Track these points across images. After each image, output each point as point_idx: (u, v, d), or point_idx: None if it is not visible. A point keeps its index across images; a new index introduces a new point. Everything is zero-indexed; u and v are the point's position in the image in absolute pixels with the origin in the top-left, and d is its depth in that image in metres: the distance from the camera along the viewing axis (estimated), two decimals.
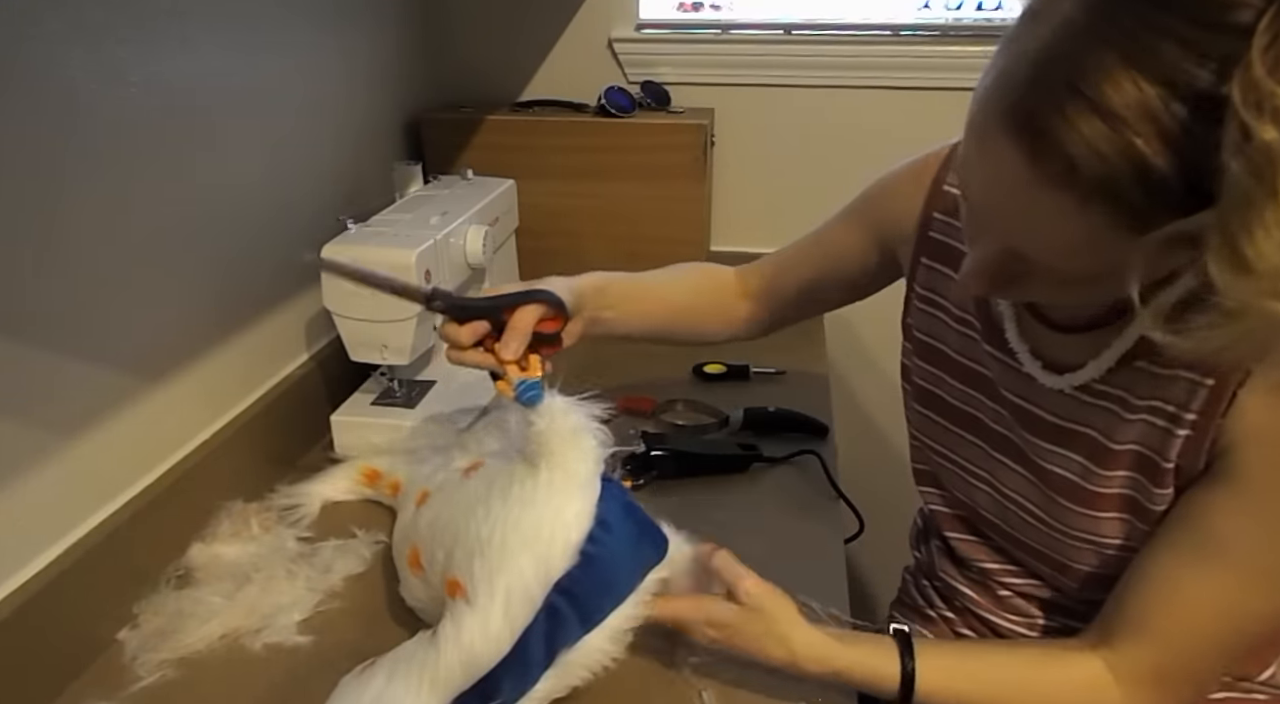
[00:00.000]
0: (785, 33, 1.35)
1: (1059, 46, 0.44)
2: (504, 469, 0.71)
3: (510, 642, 0.61)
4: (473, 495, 0.70)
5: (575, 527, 0.64)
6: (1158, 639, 0.63)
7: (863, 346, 1.50)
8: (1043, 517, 0.70)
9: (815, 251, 0.90)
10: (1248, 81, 0.39)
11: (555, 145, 1.29)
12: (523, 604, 0.61)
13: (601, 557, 0.64)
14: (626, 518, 0.67)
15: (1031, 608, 0.77)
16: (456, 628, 0.62)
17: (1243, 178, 0.39)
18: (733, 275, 0.96)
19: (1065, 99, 0.44)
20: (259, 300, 1.00)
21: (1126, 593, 0.65)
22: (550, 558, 0.62)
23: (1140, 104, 0.42)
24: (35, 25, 0.67)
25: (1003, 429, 0.73)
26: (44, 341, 0.71)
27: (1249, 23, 0.39)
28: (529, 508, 0.64)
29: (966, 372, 0.75)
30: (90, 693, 0.71)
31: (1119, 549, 0.66)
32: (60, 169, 0.71)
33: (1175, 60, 0.41)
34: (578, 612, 0.63)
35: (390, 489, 0.91)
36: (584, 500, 0.65)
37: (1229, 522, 0.59)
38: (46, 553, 0.72)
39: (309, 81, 1.06)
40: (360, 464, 0.96)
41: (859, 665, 0.67)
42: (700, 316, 0.94)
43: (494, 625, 0.61)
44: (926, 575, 0.89)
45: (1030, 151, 0.46)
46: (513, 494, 0.66)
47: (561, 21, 1.38)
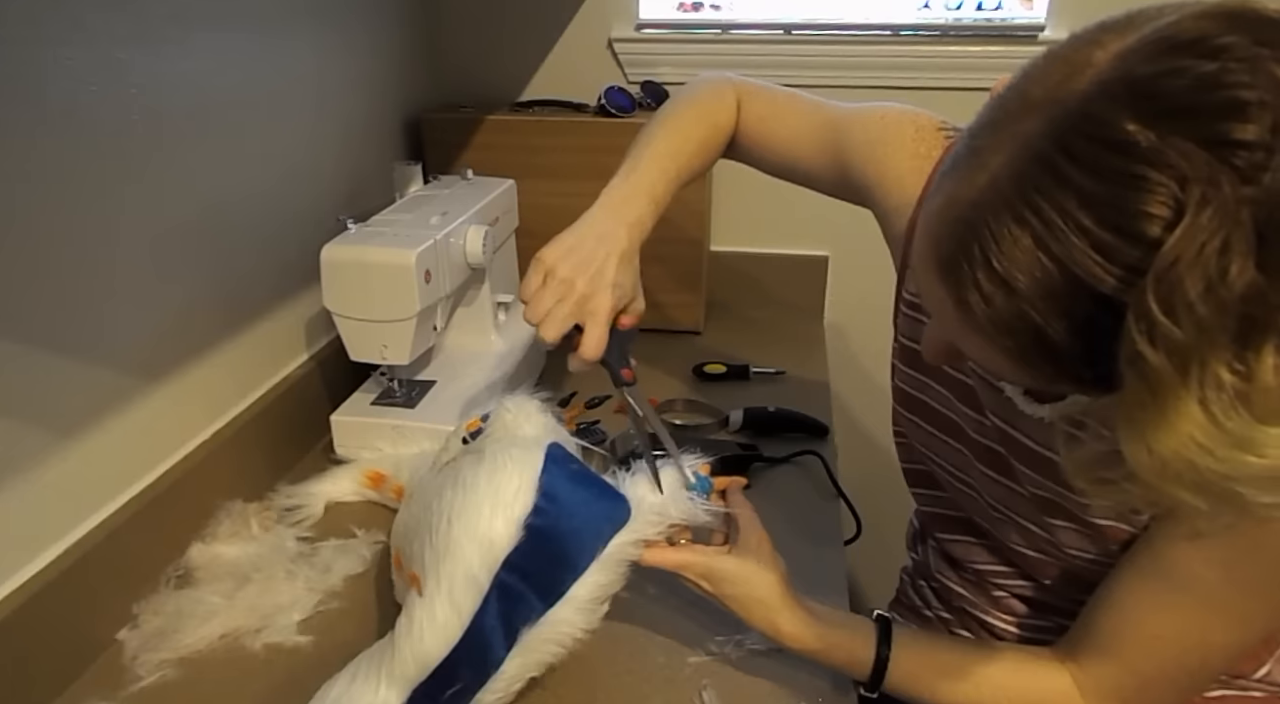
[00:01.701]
0: (785, 33, 1.35)
1: (982, 210, 0.44)
2: (462, 460, 0.71)
3: (460, 627, 0.60)
4: (434, 489, 0.70)
5: (516, 502, 0.63)
6: (1123, 663, 0.64)
7: (859, 349, 1.50)
8: (1030, 528, 0.70)
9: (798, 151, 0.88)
10: (1140, 307, 0.38)
11: (555, 145, 1.29)
12: (468, 588, 0.61)
13: (550, 529, 0.62)
14: (577, 486, 0.65)
15: (1027, 608, 0.77)
16: (409, 620, 0.62)
17: (1137, 388, 0.39)
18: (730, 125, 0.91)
19: (979, 267, 0.44)
20: (259, 300, 1.00)
21: (1095, 615, 0.66)
22: (492, 538, 0.62)
23: (1048, 289, 0.42)
24: (35, 27, 0.67)
25: (987, 440, 0.72)
26: (44, 341, 0.71)
27: (1156, 237, 0.38)
28: (471, 492, 0.64)
29: (951, 380, 0.75)
30: (90, 693, 0.71)
31: (1103, 564, 0.66)
32: (60, 170, 0.71)
33: (1084, 257, 0.40)
34: (533, 587, 0.62)
35: (395, 493, 0.91)
36: (522, 475, 0.64)
37: (1191, 558, 0.59)
38: (46, 553, 0.72)
39: (309, 81, 1.06)
40: (364, 466, 0.96)
41: (836, 648, 0.69)
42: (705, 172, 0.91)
43: (441, 614, 0.61)
44: (923, 576, 0.89)
45: (954, 300, 0.46)
46: (461, 481, 0.65)
47: (561, 21, 1.38)
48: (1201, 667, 0.63)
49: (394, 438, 0.98)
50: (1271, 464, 0.38)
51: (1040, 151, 0.42)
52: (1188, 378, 0.38)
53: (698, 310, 1.37)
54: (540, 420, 0.72)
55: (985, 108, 0.47)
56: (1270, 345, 0.37)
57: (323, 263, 0.93)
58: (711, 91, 0.89)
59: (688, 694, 0.71)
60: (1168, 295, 0.37)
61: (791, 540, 0.89)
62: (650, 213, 0.78)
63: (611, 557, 0.65)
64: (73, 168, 0.72)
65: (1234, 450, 0.38)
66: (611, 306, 0.72)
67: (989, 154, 0.44)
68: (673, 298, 1.36)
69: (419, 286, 0.92)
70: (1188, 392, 0.38)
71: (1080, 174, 0.40)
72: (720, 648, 0.75)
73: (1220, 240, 0.37)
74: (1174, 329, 0.37)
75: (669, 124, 0.85)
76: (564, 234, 0.74)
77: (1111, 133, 0.39)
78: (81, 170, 0.73)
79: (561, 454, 0.67)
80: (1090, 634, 0.66)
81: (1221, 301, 0.37)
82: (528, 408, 0.73)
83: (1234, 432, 0.38)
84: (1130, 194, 0.38)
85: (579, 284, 0.70)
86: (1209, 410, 0.38)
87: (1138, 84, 0.40)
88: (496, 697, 0.63)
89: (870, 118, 0.82)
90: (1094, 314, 0.41)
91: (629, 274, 0.74)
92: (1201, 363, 0.37)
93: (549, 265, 0.72)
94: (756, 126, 0.89)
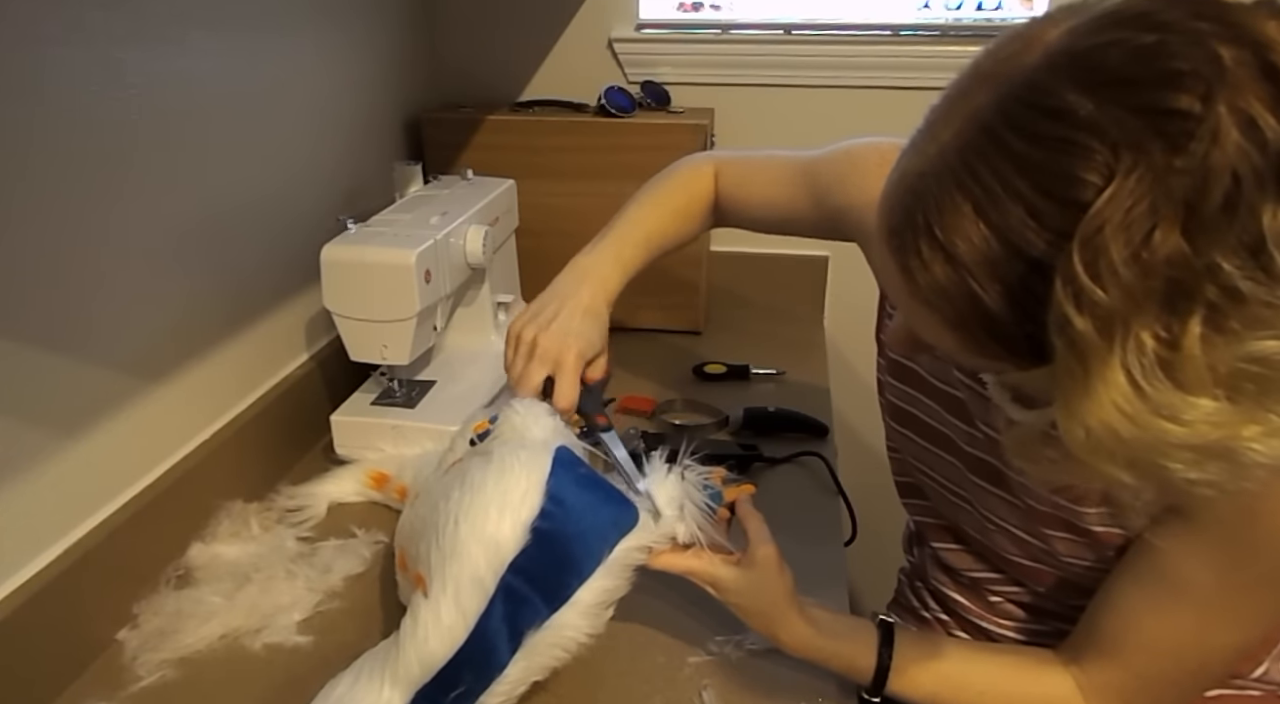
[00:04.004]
0: (785, 33, 1.35)
1: (929, 180, 0.45)
2: (468, 461, 0.71)
3: (464, 630, 0.60)
4: (440, 490, 0.69)
5: (523, 505, 0.62)
6: (1124, 665, 0.64)
7: (859, 349, 1.50)
8: (1025, 538, 0.70)
9: (777, 201, 0.90)
10: (1068, 271, 0.39)
11: (555, 145, 1.29)
12: (472, 591, 0.61)
13: (556, 532, 0.62)
14: (584, 490, 0.65)
15: (1023, 613, 0.77)
16: (413, 622, 0.62)
17: (1065, 355, 0.40)
18: (709, 191, 0.94)
19: (922, 237, 0.45)
20: (259, 300, 1.00)
21: (1096, 618, 0.66)
22: (499, 540, 0.61)
23: (985, 256, 0.43)
24: (35, 28, 0.67)
25: (979, 452, 0.72)
26: (44, 341, 0.71)
27: (1088, 201, 0.38)
28: (478, 493, 0.63)
29: (940, 393, 0.75)
30: (90, 693, 0.71)
31: (1099, 571, 0.67)
32: (60, 171, 0.71)
33: (1019, 223, 0.41)
34: (539, 591, 0.62)
35: (398, 493, 0.91)
36: (529, 478, 0.64)
37: (1186, 561, 0.59)
38: (46, 553, 0.72)
39: (309, 82, 1.06)
40: (368, 467, 0.96)
41: (836, 658, 0.70)
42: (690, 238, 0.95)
43: (446, 616, 0.60)
44: (920, 579, 0.89)
45: (898, 267, 0.48)
46: (468, 482, 0.65)
47: (561, 21, 1.38)
48: (1202, 668, 0.63)
49: (394, 438, 0.98)
50: (1192, 434, 0.39)
51: (986, 121, 0.43)
52: (1112, 343, 0.38)
53: (698, 310, 1.37)
54: (549, 423, 0.72)
55: (946, 87, 0.48)
56: (1197, 315, 0.38)
57: (323, 263, 0.93)
58: (688, 166, 0.94)
59: (688, 694, 0.71)
60: (1093, 259, 0.38)
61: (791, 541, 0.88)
62: (616, 274, 0.83)
63: (617, 561, 0.65)
64: (72, 168, 0.72)
65: (1156, 418, 0.39)
66: (576, 356, 0.75)
67: (940, 127, 0.46)
68: (673, 298, 1.36)
69: (419, 286, 0.92)
70: (1112, 357, 0.38)
71: (1020, 141, 0.41)
72: (720, 648, 0.75)
73: (1146, 206, 0.37)
74: (1099, 293, 0.38)
75: (643, 197, 0.91)
76: (531, 303, 0.80)
77: (1052, 101, 0.40)
78: (81, 170, 0.73)
79: (569, 458, 0.67)
80: (1091, 637, 0.66)
81: (1146, 267, 0.37)
82: (536, 410, 0.73)
83: (1156, 399, 0.38)
84: (1065, 159, 0.39)
85: (542, 341, 0.76)
86: (1132, 377, 0.38)
87: (1080, 55, 0.41)
88: (499, 700, 0.63)
89: (837, 155, 0.85)
90: (1027, 280, 0.42)
91: (593, 328, 0.79)
92: (1126, 328, 0.38)
93: (516, 331, 0.78)
94: (735, 190, 0.92)
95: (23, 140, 0.67)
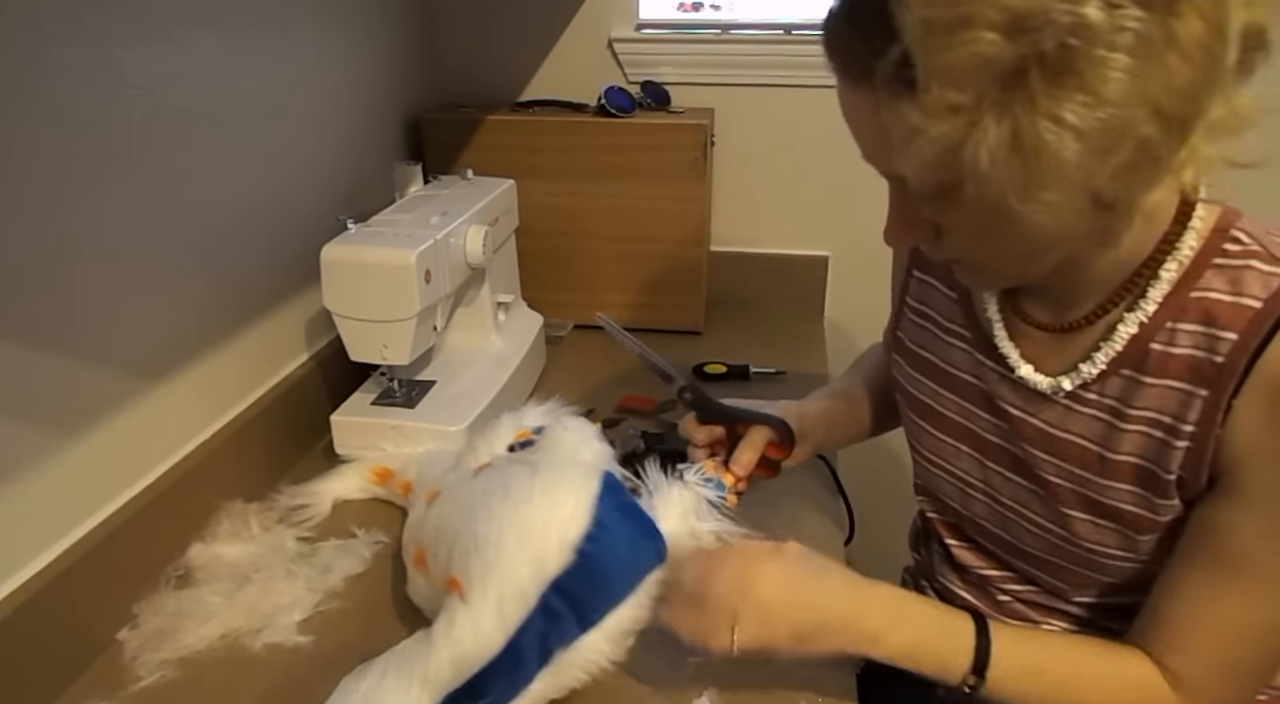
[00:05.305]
0: (785, 33, 1.35)
1: None
2: (508, 469, 0.71)
3: (502, 640, 0.61)
4: (476, 494, 0.70)
5: (571, 525, 0.64)
6: (1198, 654, 0.62)
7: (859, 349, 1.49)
8: (1045, 524, 0.70)
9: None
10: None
11: (555, 145, 1.29)
12: (516, 602, 0.61)
13: (599, 557, 0.64)
14: (625, 519, 0.67)
15: (1031, 613, 0.77)
16: (449, 625, 0.62)
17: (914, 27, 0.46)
18: None
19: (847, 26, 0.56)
20: (259, 300, 1.00)
21: (1162, 610, 0.63)
22: (545, 556, 0.62)
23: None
24: (35, 28, 0.67)
25: (999, 440, 0.72)
26: (44, 341, 0.71)
27: None
28: (525, 506, 0.64)
29: (960, 384, 0.75)
30: (90, 693, 0.71)
31: (1120, 559, 0.66)
32: (60, 171, 0.71)
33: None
34: (575, 611, 0.63)
35: (402, 489, 0.91)
36: (580, 500, 0.65)
37: (1245, 537, 0.58)
38: (46, 553, 0.72)
39: (309, 81, 1.06)
40: (370, 463, 0.96)
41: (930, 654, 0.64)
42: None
43: (486, 623, 0.61)
44: (925, 577, 0.89)
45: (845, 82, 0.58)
46: (512, 493, 0.66)
47: (561, 21, 1.38)
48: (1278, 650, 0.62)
49: (394, 438, 0.98)
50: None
51: None
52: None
53: (698, 310, 1.37)
54: (598, 447, 0.73)
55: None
56: None
57: (323, 263, 0.93)
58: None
59: (688, 694, 0.71)
60: None
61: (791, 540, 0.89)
62: None
63: (646, 591, 0.66)
64: (72, 168, 0.72)
65: None
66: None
67: None
68: (673, 298, 1.36)
69: (419, 286, 0.92)
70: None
71: None
72: None
73: None
74: None
75: None
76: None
77: None
78: (81, 170, 0.73)
79: (615, 483, 0.68)
80: (1160, 629, 0.64)
81: None
82: (586, 432, 0.74)
83: None
84: None
85: None
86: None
87: None
88: None
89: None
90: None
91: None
92: None
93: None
94: None
95: (23, 140, 0.67)
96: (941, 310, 0.78)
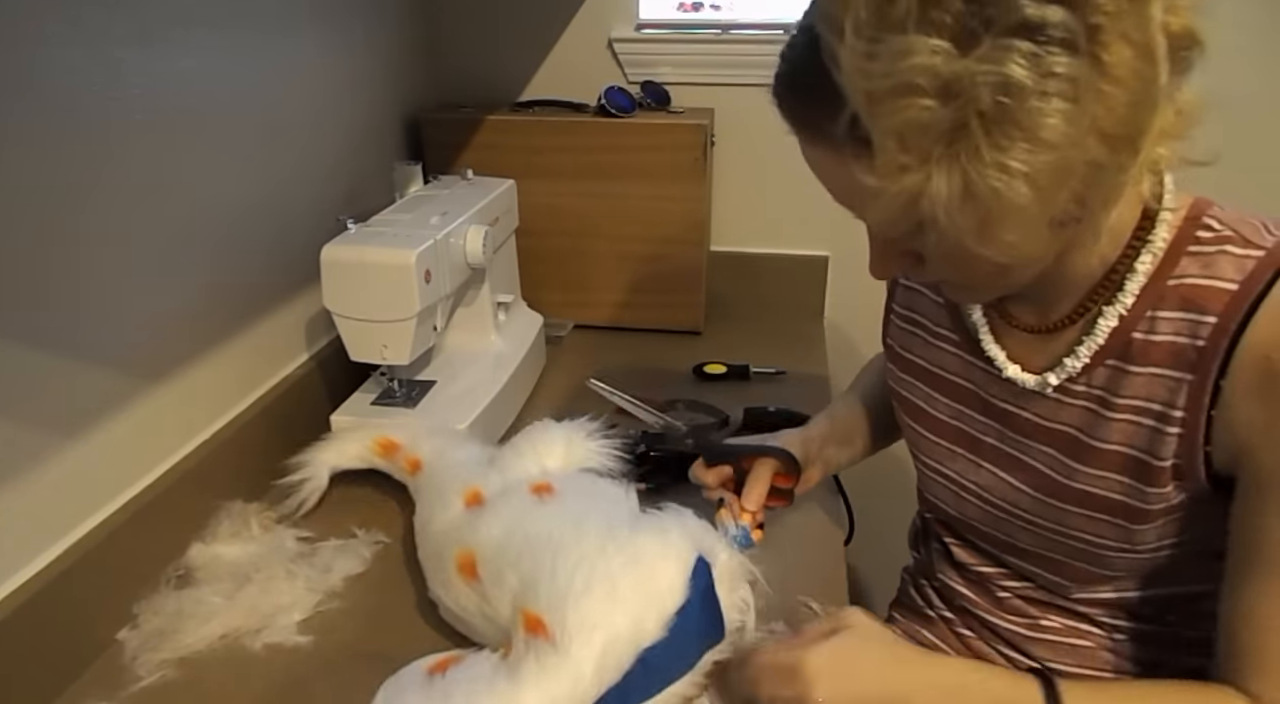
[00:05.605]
0: (785, 33, 1.34)
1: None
2: (597, 510, 0.71)
3: (594, 697, 0.60)
4: (555, 526, 0.69)
5: (670, 597, 0.63)
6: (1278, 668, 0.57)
7: (859, 349, 1.50)
8: (1036, 520, 0.70)
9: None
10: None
11: (555, 145, 1.29)
12: (615, 664, 0.61)
13: (681, 632, 0.63)
14: (706, 600, 0.66)
15: (1031, 609, 0.77)
16: (540, 670, 0.60)
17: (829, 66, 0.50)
18: None
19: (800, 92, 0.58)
20: (259, 300, 1.00)
21: (1236, 637, 0.59)
22: (645, 623, 0.62)
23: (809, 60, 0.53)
24: (36, 28, 0.67)
25: (993, 440, 0.73)
26: (44, 342, 0.71)
27: None
28: (632, 567, 0.64)
29: (951, 386, 0.76)
30: (90, 693, 0.71)
31: (1114, 551, 0.66)
32: (60, 170, 0.71)
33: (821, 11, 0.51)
34: (646, 680, 0.63)
35: (409, 465, 0.89)
36: (680, 571, 0.65)
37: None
38: (46, 553, 0.72)
39: (309, 81, 1.06)
40: (375, 433, 0.94)
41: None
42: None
43: (585, 679, 0.60)
44: (925, 576, 0.89)
45: (806, 136, 0.60)
46: (611, 547, 0.65)
47: (561, 21, 1.38)
48: None
49: None
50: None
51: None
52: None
53: (698, 310, 1.37)
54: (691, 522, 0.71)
55: None
56: None
57: (323, 263, 0.93)
58: None
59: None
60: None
61: (792, 540, 0.89)
62: None
63: (699, 670, 0.66)
64: (72, 168, 0.72)
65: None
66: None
67: None
68: (673, 298, 1.36)
69: (419, 286, 0.92)
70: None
71: None
72: None
73: None
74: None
75: None
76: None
77: None
78: (81, 170, 0.73)
79: (703, 562, 0.67)
80: (1241, 657, 0.59)
81: None
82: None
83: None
84: None
85: None
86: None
87: None
88: None
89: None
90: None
91: None
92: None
93: None
94: None
95: (23, 140, 0.67)
96: (929, 315, 0.79)
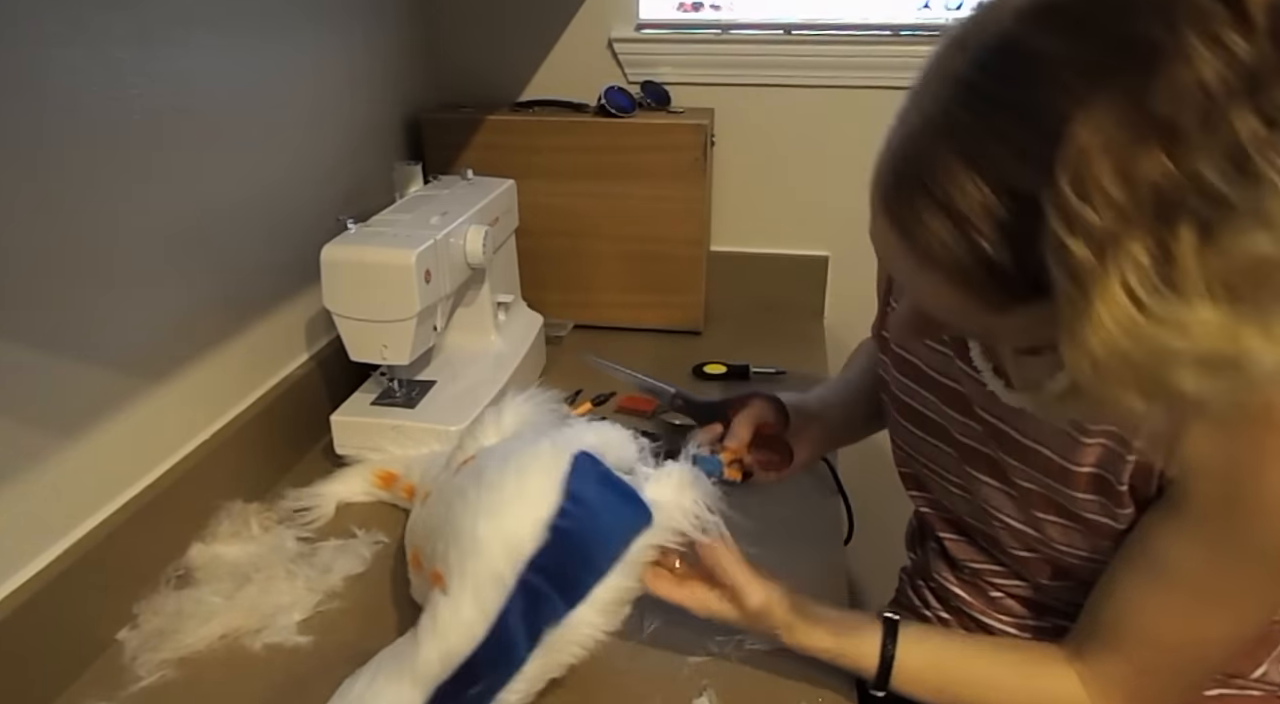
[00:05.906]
0: (785, 33, 1.35)
1: (917, 142, 0.47)
2: (484, 459, 0.71)
3: (484, 626, 0.61)
4: (457, 488, 0.70)
5: (543, 503, 0.63)
6: (1124, 656, 0.64)
7: None
8: (1019, 526, 0.71)
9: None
10: (1058, 198, 0.40)
11: (555, 145, 1.29)
12: (492, 587, 0.61)
13: (575, 531, 0.63)
14: (603, 489, 0.65)
15: (1024, 609, 0.77)
16: (432, 618, 0.62)
17: (1064, 283, 0.41)
18: None
19: (918, 196, 0.46)
20: (259, 300, 1.00)
21: (1095, 609, 0.66)
22: (518, 538, 0.62)
23: (980, 204, 0.44)
24: (36, 27, 0.67)
25: (975, 443, 0.73)
26: (44, 342, 0.71)
27: (1068, 129, 0.39)
28: (496, 491, 0.64)
29: (941, 386, 0.76)
30: (90, 693, 0.71)
31: (1088, 561, 0.67)
32: (60, 170, 0.71)
33: (1003, 160, 0.43)
34: (557, 589, 0.62)
35: (406, 492, 0.91)
36: (550, 477, 0.64)
37: (1180, 549, 0.59)
38: (46, 553, 0.72)
39: (309, 81, 1.06)
40: (374, 466, 0.96)
41: (842, 656, 0.70)
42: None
43: (465, 611, 0.61)
44: (922, 576, 0.89)
45: (900, 235, 0.49)
46: (484, 480, 0.66)
47: (561, 21, 1.38)
48: (1199, 660, 0.64)
49: (394, 438, 0.98)
50: (1195, 343, 0.39)
51: (963, 77, 0.45)
52: (1107, 262, 0.39)
53: (698, 310, 1.37)
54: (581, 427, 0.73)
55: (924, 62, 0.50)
56: (1187, 224, 0.38)
57: (323, 263, 0.93)
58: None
59: (688, 694, 0.71)
60: (1081, 184, 0.39)
61: (791, 540, 0.89)
62: None
63: (633, 560, 0.65)
64: (72, 168, 0.72)
65: (1158, 330, 0.39)
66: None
67: (921, 94, 0.47)
68: (673, 298, 1.36)
69: (419, 286, 0.92)
70: (1109, 276, 0.39)
71: (996, 85, 0.43)
72: (720, 648, 0.75)
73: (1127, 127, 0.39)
74: (1090, 213, 0.39)
75: None
76: None
77: (1022, 46, 0.43)
78: (81, 170, 0.73)
79: (589, 458, 0.67)
80: (1092, 629, 0.66)
81: (1132, 184, 0.38)
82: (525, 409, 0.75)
83: (1156, 310, 0.39)
84: (1040, 93, 0.41)
85: None
86: (1130, 290, 0.39)
87: (1044, 5, 0.43)
88: (518, 697, 0.63)
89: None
90: (1021, 217, 0.43)
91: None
92: (1119, 245, 0.39)
93: None
94: None
95: (23, 140, 0.67)
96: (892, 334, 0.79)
